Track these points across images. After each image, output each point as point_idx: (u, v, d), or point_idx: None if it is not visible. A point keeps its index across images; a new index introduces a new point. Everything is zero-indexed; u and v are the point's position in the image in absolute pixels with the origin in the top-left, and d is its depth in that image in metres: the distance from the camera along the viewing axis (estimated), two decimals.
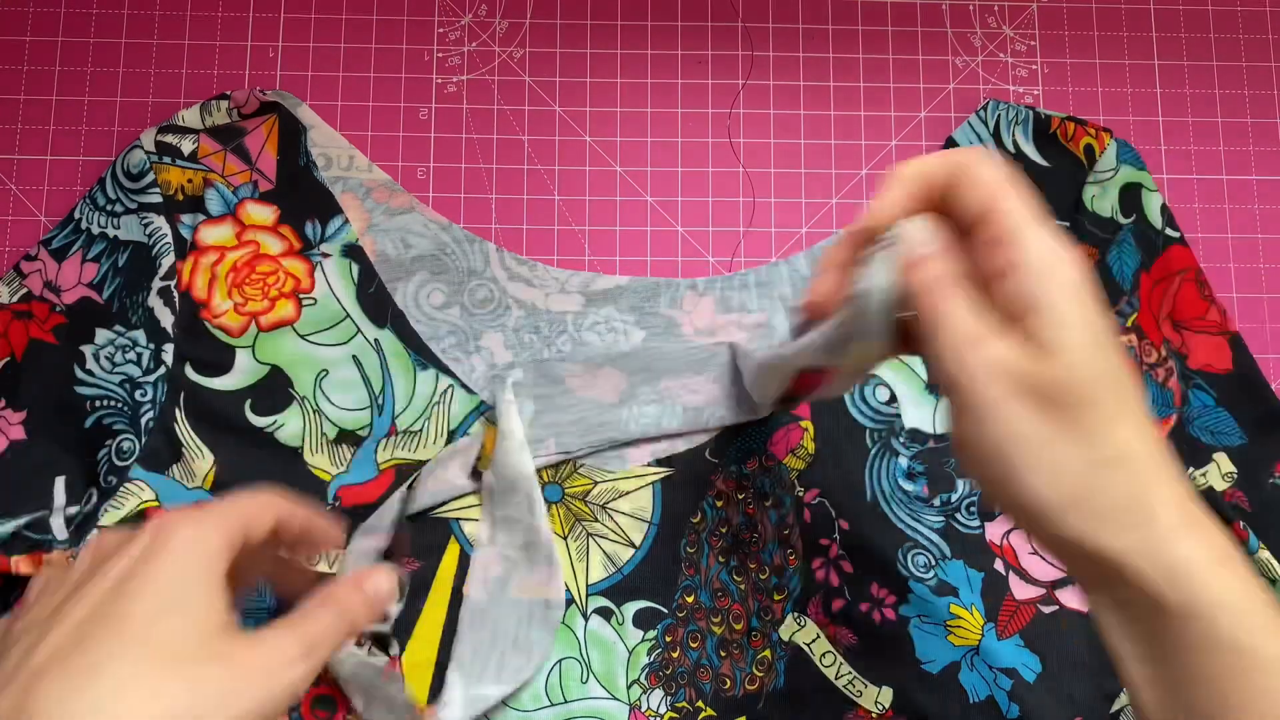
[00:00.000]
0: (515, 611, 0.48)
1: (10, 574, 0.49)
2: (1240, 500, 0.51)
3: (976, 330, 0.34)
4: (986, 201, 0.35)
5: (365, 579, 0.39)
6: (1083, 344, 0.33)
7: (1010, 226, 0.34)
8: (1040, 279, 0.33)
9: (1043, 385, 0.33)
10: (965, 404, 0.34)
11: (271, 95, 0.55)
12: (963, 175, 0.36)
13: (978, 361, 0.33)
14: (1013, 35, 0.59)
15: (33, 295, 0.52)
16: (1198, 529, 0.32)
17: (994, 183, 0.35)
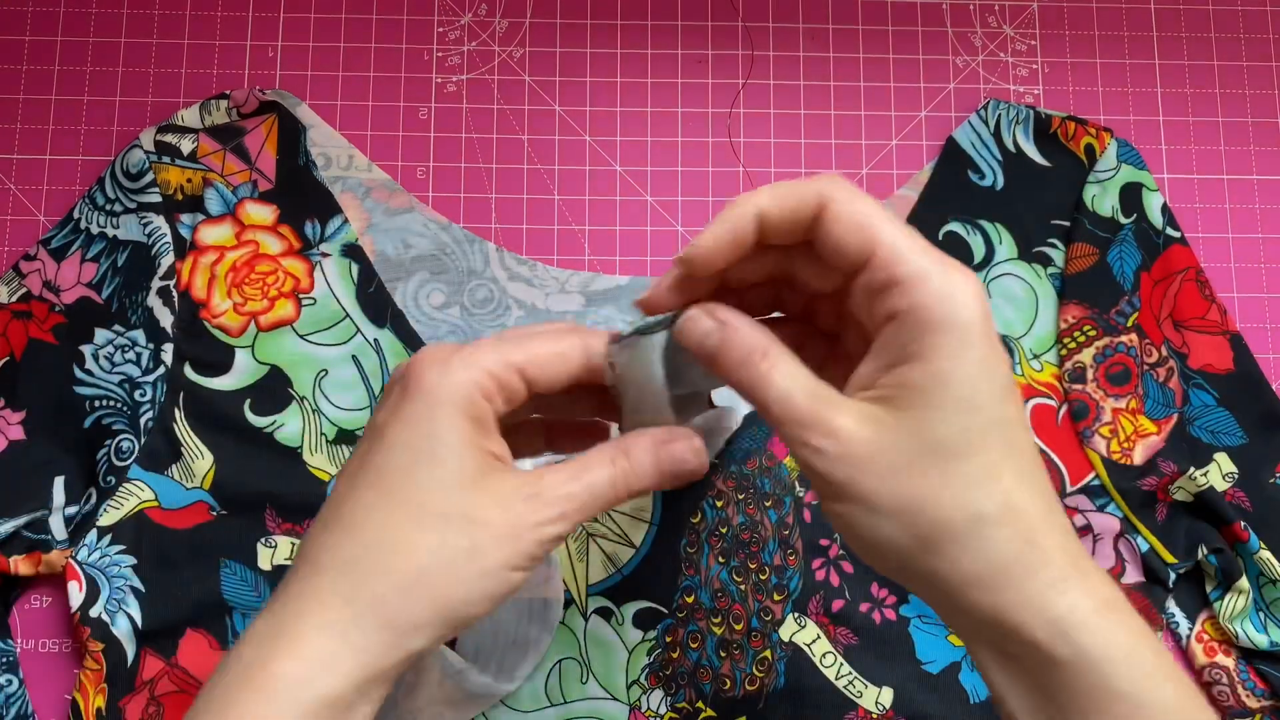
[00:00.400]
0: (515, 611, 0.48)
1: (9, 574, 0.49)
2: (1241, 500, 0.51)
3: (806, 404, 0.32)
4: (866, 241, 0.32)
5: (668, 443, 0.36)
6: (962, 394, 0.31)
7: (896, 269, 0.31)
8: (923, 329, 0.31)
9: (916, 440, 0.31)
10: (818, 485, 0.33)
11: (271, 95, 0.55)
12: (829, 210, 0.32)
13: (822, 441, 0.31)
14: (1013, 34, 0.59)
15: (32, 295, 0.52)
16: (1083, 579, 0.31)
17: (870, 218, 0.32)
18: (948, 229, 0.54)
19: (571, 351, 0.36)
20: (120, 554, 0.49)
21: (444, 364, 0.34)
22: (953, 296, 0.31)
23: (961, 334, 0.31)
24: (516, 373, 0.35)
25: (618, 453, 0.35)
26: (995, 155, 0.55)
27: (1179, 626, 0.51)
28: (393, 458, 0.34)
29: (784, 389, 0.32)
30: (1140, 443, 0.51)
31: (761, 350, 0.33)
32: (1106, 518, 0.51)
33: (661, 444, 0.36)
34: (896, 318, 0.31)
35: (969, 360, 0.31)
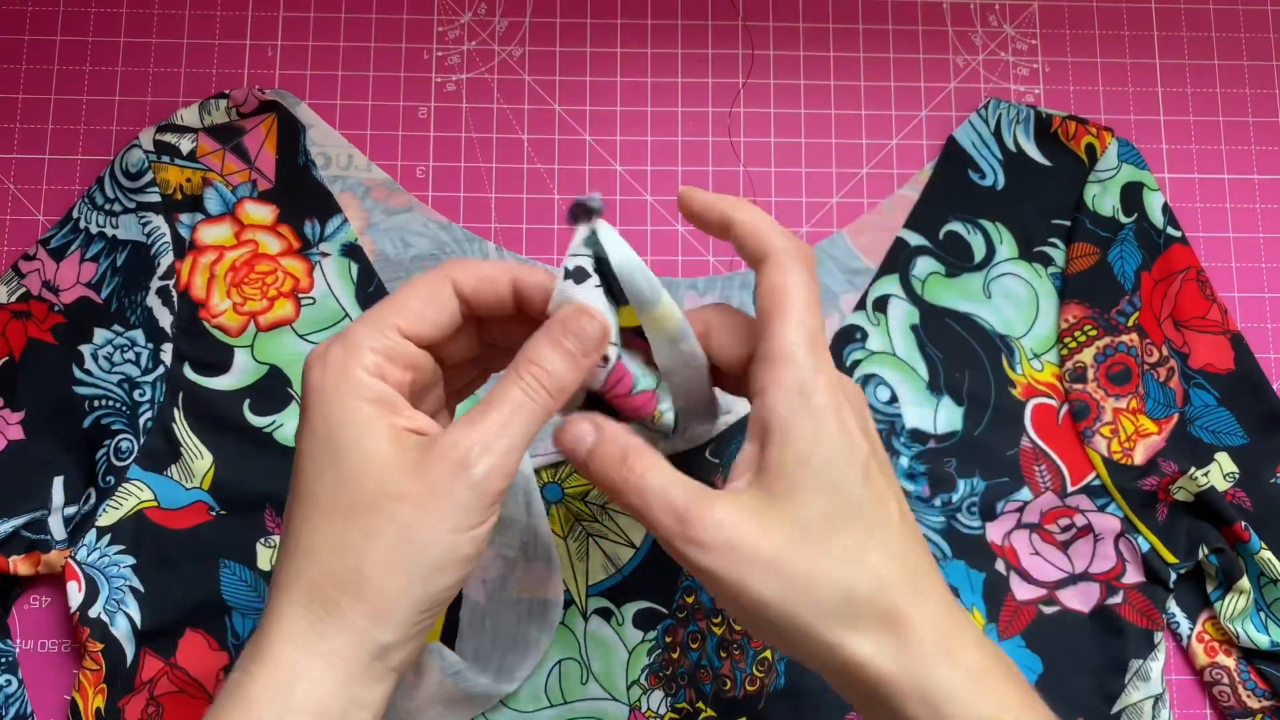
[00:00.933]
0: (515, 611, 0.48)
1: (8, 574, 0.49)
2: (1242, 500, 0.51)
3: (685, 501, 0.33)
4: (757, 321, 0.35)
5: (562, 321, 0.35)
6: (822, 475, 0.33)
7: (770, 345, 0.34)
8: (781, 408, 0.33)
9: (787, 529, 0.33)
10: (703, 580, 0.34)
11: (270, 94, 0.55)
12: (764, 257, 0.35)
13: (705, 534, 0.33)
14: (1014, 34, 0.58)
15: (31, 295, 0.52)
16: (953, 650, 0.33)
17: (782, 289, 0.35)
18: (948, 228, 0.54)
19: (439, 289, 0.35)
20: (119, 554, 0.49)
21: (323, 359, 0.34)
22: (814, 382, 0.34)
23: (816, 420, 0.33)
24: (399, 333, 0.34)
25: (521, 363, 0.34)
26: (996, 155, 0.55)
27: (1180, 626, 0.51)
28: (305, 466, 0.33)
29: (662, 486, 0.34)
30: (1141, 442, 0.51)
31: (638, 451, 0.34)
32: (1107, 518, 0.51)
33: (557, 329, 0.35)
34: (762, 395, 0.34)
35: (825, 444, 0.33)
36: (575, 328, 0.35)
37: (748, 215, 0.37)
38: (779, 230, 0.36)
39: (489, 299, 0.36)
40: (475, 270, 0.36)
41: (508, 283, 0.36)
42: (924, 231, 0.54)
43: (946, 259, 0.54)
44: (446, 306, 0.36)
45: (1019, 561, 0.50)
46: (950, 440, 0.52)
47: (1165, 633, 0.51)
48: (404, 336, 0.35)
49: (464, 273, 0.36)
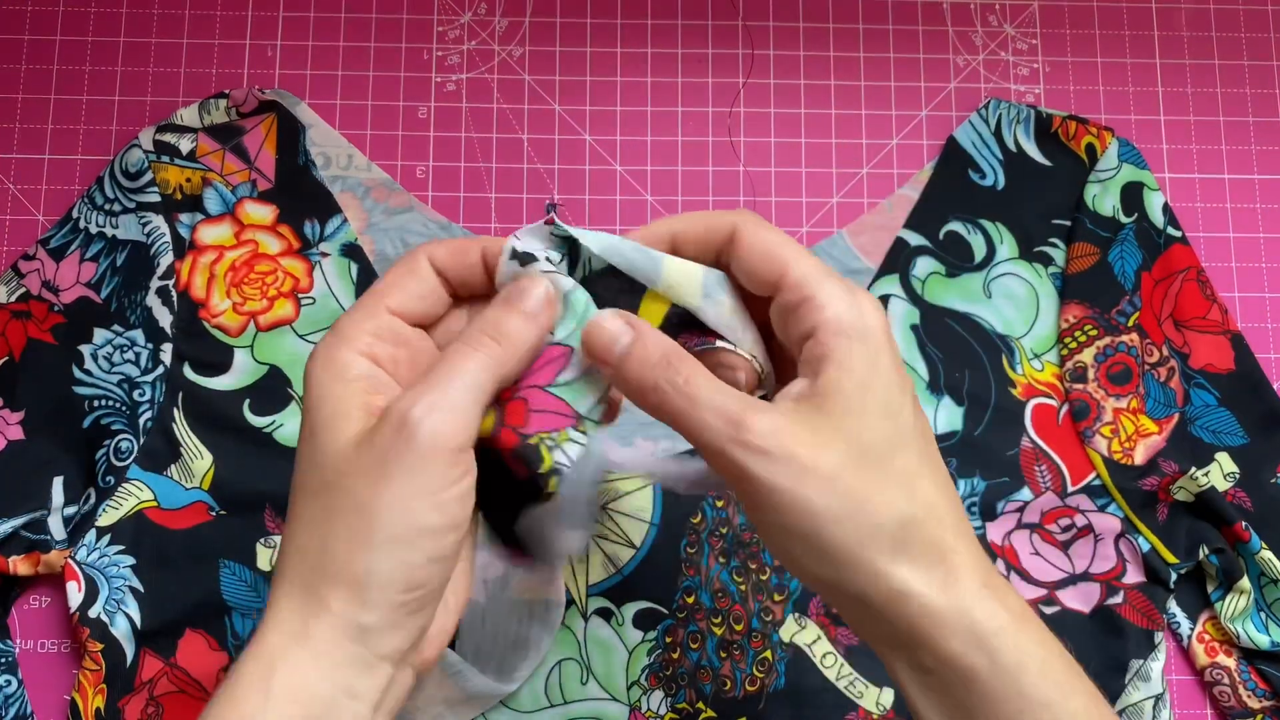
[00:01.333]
0: (515, 612, 0.48)
1: (8, 574, 0.49)
2: (1242, 500, 0.51)
3: (738, 405, 0.32)
4: (775, 267, 0.33)
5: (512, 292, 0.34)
6: (882, 400, 0.32)
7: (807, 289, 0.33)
8: (840, 339, 0.32)
9: (847, 446, 0.32)
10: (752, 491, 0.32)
11: (270, 94, 0.54)
12: (740, 242, 0.34)
13: (763, 441, 0.31)
14: (1014, 34, 0.58)
15: (31, 295, 0.52)
16: (997, 589, 0.32)
17: (777, 245, 0.34)
18: (948, 228, 0.54)
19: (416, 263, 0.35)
20: (119, 554, 0.49)
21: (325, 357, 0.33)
22: (860, 312, 0.33)
23: (874, 346, 0.32)
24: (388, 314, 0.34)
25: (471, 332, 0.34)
26: (996, 155, 0.55)
27: (1180, 627, 0.51)
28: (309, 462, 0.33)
29: (713, 389, 0.32)
30: (1141, 442, 0.51)
31: (679, 354, 0.33)
32: (1107, 518, 0.51)
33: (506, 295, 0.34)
34: (814, 333, 0.33)
35: (884, 368, 0.32)
36: (515, 289, 0.34)
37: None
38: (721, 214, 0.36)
39: (462, 270, 0.36)
40: (447, 244, 0.36)
41: (478, 252, 0.36)
42: (924, 231, 0.54)
43: (947, 259, 0.54)
44: (426, 281, 0.35)
45: (1019, 561, 0.50)
46: (950, 440, 0.52)
47: (1165, 633, 0.51)
48: (393, 315, 0.35)
49: (436, 247, 0.36)
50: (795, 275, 0.33)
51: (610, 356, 0.33)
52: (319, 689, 0.32)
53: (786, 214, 0.56)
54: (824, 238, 0.55)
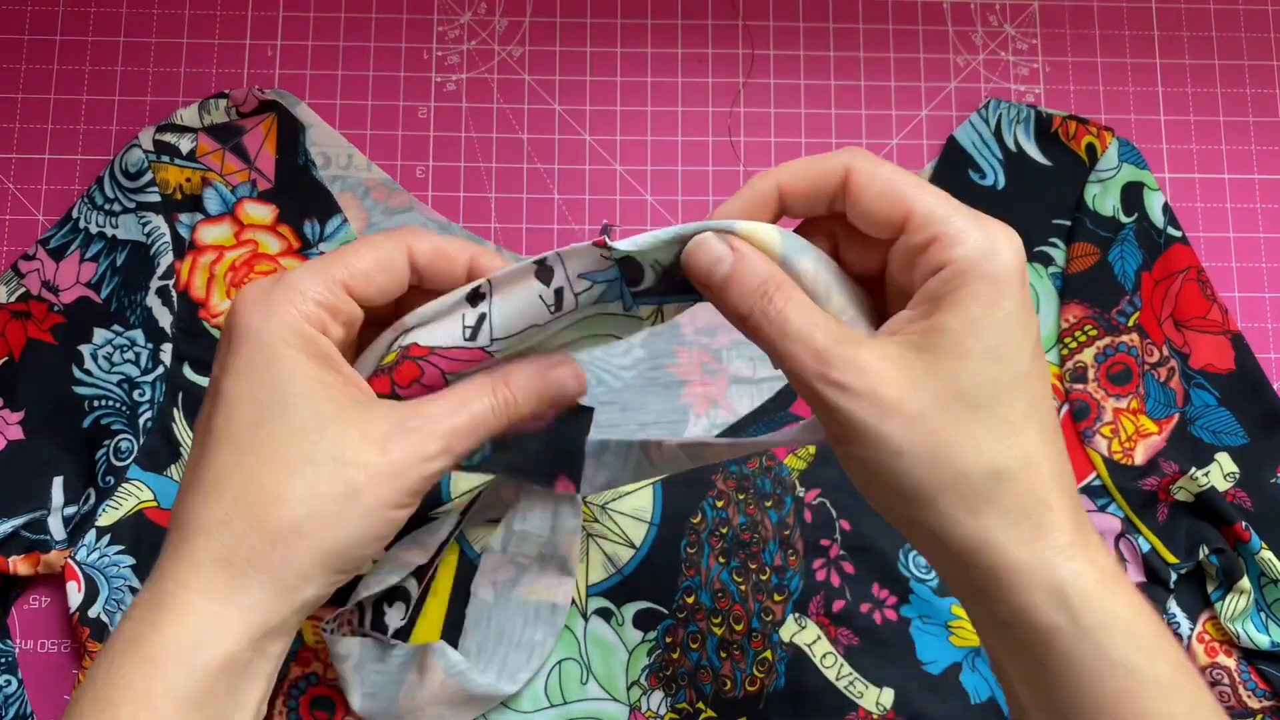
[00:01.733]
0: (521, 612, 0.48)
1: (8, 574, 0.49)
2: (1242, 500, 0.51)
3: (829, 340, 0.31)
4: (899, 206, 0.31)
5: (551, 368, 0.35)
6: (993, 344, 0.30)
7: (934, 228, 0.31)
8: (963, 279, 0.30)
9: (944, 386, 0.30)
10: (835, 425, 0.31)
11: (270, 94, 0.54)
12: (854, 184, 0.32)
13: (846, 376, 0.30)
14: (1014, 33, 0.58)
15: (31, 295, 0.52)
16: (1088, 546, 0.31)
17: (898, 184, 0.32)
18: None
19: (397, 259, 0.35)
20: (119, 554, 0.49)
21: (265, 303, 0.33)
22: (994, 249, 0.31)
23: (998, 285, 0.30)
24: (344, 289, 0.34)
25: (498, 381, 0.35)
26: (996, 154, 0.55)
27: (1180, 627, 0.51)
28: (238, 412, 0.32)
29: (803, 321, 0.31)
30: (1141, 442, 0.51)
31: (776, 282, 0.32)
32: (1108, 518, 0.51)
33: (545, 369, 0.35)
34: (938, 272, 0.31)
35: (1004, 311, 0.30)
36: (559, 378, 0.35)
37: None
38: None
39: (441, 273, 0.35)
40: (433, 243, 0.35)
41: (465, 262, 0.35)
42: None
43: None
44: (397, 274, 0.35)
45: None
46: None
47: None
48: (347, 291, 0.34)
49: (422, 243, 0.35)
50: (921, 213, 0.31)
51: (711, 280, 0.33)
52: (242, 655, 0.31)
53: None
54: None
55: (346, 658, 0.46)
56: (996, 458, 0.31)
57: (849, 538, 0.50)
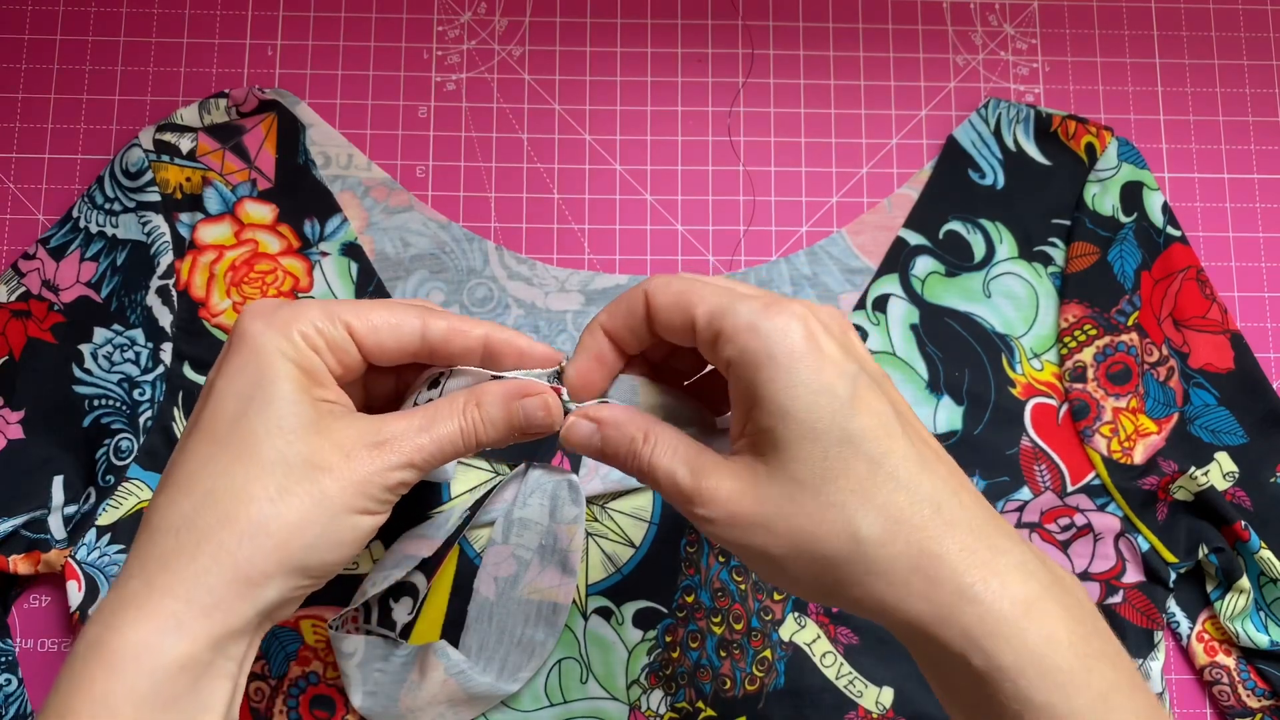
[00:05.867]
0: (523, 611, 0.48)
1: (8, 573, 0.49)
2: (1242, 499, 0.51)
3: (689, 479, 0.33)
4: (685, 314, 0.34)
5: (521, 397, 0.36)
6: (803, 424, 0.31)
7: (715, 325, 0.33)
8: (751, 370, 0.32)
9: (781, 488, 0.32)
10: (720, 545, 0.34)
11: (270, 93, 0.54)
12: (651, 305, 0.34)
13: (707, 510, 0.33)
14: (1014, 33, 0.58)
15: (31, 294, 0.52)
16: (991, 577, 0.31)
17: (683, 293, 0.34)
18: (948, 228, 0.54)
19: (407, 323, 0.36)
20: (119, 553, 0.49)
21: (268, 315, 0.34)
22: (774, 329, 0.32)
23: (785, 364, 0.32)
24: (345, 329, 0.35)
25: (469, 403, 0.35)
26: (996, 154, 0.55)
27: (1180, 626, 0.51)
28: (223, 407, 0.33)
29: (667, 470, 0.34)
30: (1141, 442, 0.51)
31: (641, 437, 0.35)
32: (1107, 517, 0.51)
33: (514, 397, 0.36)
34: (729, 368, 0.33)
35: (799, 387, 0.31)
36: (530, 408, 0.36)
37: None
38: None
39: (456, 350, 0.37)
40: (449, 321, 0.36)
41: (479, 339, 0.37)
42: (924, 231, 0.54)
43: (946, 258, 0.54)
44: (405, 339, 0.36)
45: None
46: (950, 440, 0.52)
47: (1165, 632, 0.51)
48: (349, 332, 0.35)
49: (438, 320, 0.36)
50: (704, 312, 0.33)
51: (591, 452, 0.36)
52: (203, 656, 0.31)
53: (786, 213, 0.56)
54: (823, 237, 0.55)
55: (351, 655, 0.46)
56: (853, 529, 0.31)
57: None
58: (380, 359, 0.36)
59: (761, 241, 0.56)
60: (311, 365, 0.34)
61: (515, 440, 0.36)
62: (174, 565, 0.32)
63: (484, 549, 0.49)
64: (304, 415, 0.33)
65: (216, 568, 0.32)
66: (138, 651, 0.31)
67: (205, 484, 0.32)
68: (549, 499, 0.49)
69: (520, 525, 0.49)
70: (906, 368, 0.52)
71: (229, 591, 0.32)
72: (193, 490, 0.33)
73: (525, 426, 0.36)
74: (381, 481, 0.34)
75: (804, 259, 0.54)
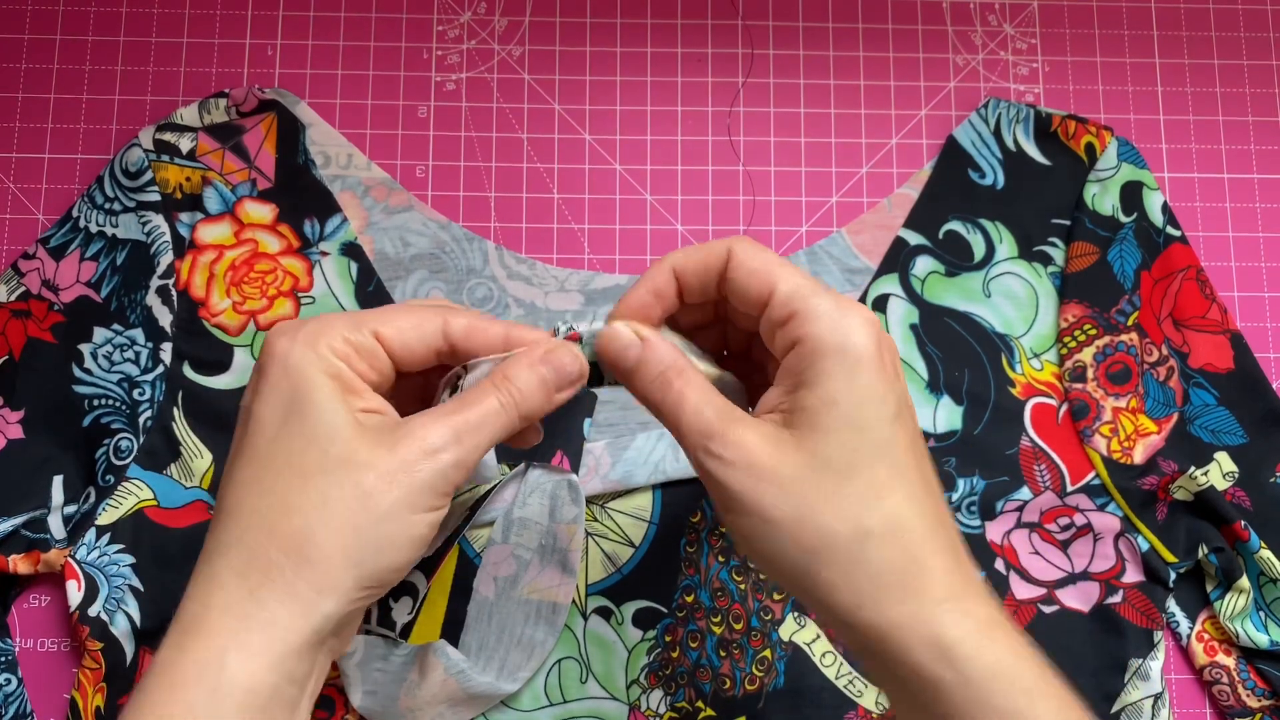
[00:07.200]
0: (523, 610, 0.48)
1: (8, 573, 0.49)
2: (1241, 499, 0.51)
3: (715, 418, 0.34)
4: (765, 283, 0.35)
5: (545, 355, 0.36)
6: (849, 416, 0.33)
7: (794, 304, 0.34)
8: (816, 355, 0.33)
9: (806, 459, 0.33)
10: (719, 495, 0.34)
11: (270, 93, 0.55)
12: (734, 260, 0.36)
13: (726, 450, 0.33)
14: (1014, 33, 0.58)
15: (31, 294, 0.52)
16: (966, 598, 0.33)
17: (769, 264, 0.35)
18: (948, 228, 0.54)
19: (430, 322, 0.36)
20: (119, 553, 0.49)
21: (293, 333, 0.34)
22: (847, 327, 0.33)
23: (852, 361, 0.33)
24: (372, 335, 0.35)
25: (499, 378, 0.35)
26: (996, 154, 0.55)
27: (1179, 626, 0.51)
28: (261, 428, 0.33)
29: (697, 403, 0.34)
30: (1140, 442, 0.51)
31: (677, 369, 0.35)
32: (1107, 517, 0.51)
33: (538, 358, 0.36)
34: (795, 347, 0.34)
35: (858, 385, 0.33)
36: (556, 360, 0.36)
37: None
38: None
39: (477, 346, 0.37)
40: (469, 318, 0.37)
41: (500, 335, 0.37)
42: (924, 231, 0.54)
43: (946, 258, 0.54)
44: (429, 337, 0.36)
45: (1018, 561, 0.50)
46: (950, 439, 0.52)
47: (1165, 632, 0.51)
48: (376, 338, 0.35)
49: (458, 317, 0.37)
50: (784, 290, 0.34)
51: (621, 363, 0.36)
52: (266, 678, 0.31)
53: (786, 213, 0.56)
54: (823, 237, 0.55)
55: (351, 655, 0.46)
56: (862, 521, 0.33)
57: None
58: (408, 362, 0.36)
59: (761, 241, 0.56)
60: (345, 375, 0.34)
61: (553, 405, 0.36)
62: (228, 584, 0.32)
63: (484, 548, 0.49)
64: (342, 423, 0.33)
65: (270, 586, 0.32)
66: (200, 671, 0.31)
67: (250, 504, 0.33)
68: (549, 499, 0.49)
69: (520, 525, 0.49)
70: (906, 368, 0.52)
71: (284, 609, 0.31)
72: (240, 513, 0.33)
73: (558, 381, 0.36)
74: (431, 466, 0.33)
75: (804, 259, 0.54)
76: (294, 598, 0.32)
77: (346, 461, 0.32)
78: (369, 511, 0.32)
